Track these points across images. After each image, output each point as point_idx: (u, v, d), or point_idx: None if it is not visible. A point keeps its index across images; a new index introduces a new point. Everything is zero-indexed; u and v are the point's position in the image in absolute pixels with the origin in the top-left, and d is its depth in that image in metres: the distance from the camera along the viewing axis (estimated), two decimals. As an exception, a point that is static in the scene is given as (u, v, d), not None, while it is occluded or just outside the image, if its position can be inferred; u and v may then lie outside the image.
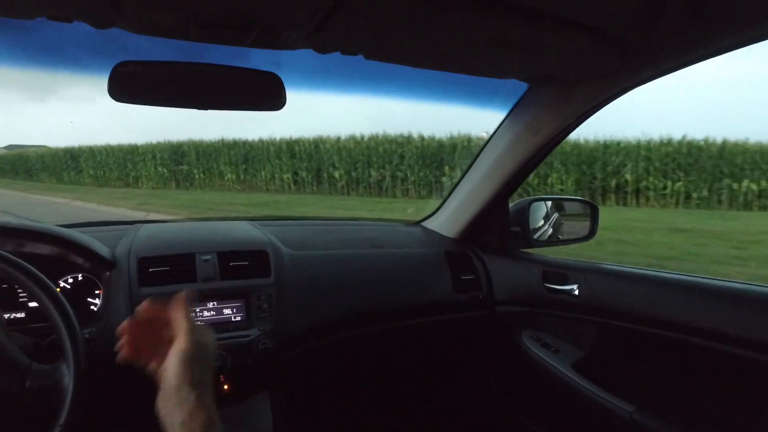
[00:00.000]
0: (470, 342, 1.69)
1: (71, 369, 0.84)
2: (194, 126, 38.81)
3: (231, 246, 1.30)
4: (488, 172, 1.48)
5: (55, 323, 0.86)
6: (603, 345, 1.35)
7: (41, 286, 0.86)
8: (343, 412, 1.69)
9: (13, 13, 0.70)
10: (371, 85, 1.58)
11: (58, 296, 0.87)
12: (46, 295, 0.86)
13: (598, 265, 1.37)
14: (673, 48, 0.95)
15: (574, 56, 0.99)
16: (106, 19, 0.74)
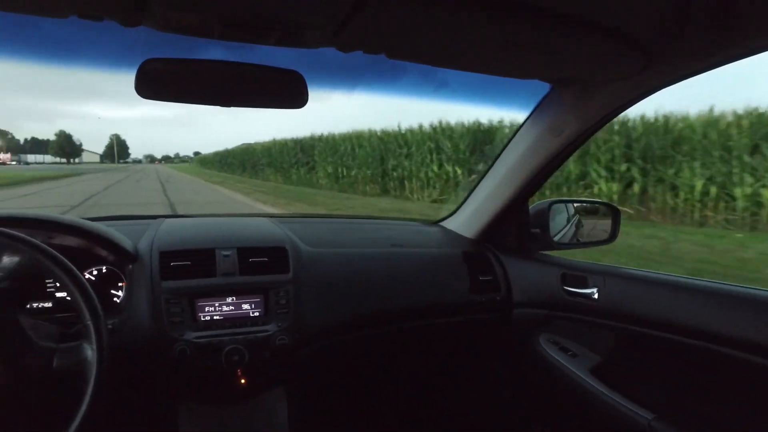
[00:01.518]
0: (486, 344, 1.69)
1: (95, 357, 0.86)
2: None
3: (251, 242, 1.32)
4: (509, 172, 1.46)
5: (81, 312, 0.88)
6: (622, 350, 1.34)
7: (70, 275, 0.89)
8: (357, 409, 1.70)
9: (47, 11, 0.72)
10: (392, 84, 1.56)
11: (85, 285, 0.89)
12: (74, 284, 0.88)
13: (618, 268, 1.35)
14: (699, 51, 0.93)
15: (597, 59, 0.98)
16: (133, 18, 0.75)
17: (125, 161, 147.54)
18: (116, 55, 0.95)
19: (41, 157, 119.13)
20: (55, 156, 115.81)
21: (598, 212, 1.67)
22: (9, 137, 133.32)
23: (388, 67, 1.02)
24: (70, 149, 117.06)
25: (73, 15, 0.71)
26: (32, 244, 0.88)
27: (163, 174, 37.11)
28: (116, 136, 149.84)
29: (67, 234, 1.15)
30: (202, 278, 1.21)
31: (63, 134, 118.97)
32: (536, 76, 1.16)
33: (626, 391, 1.24)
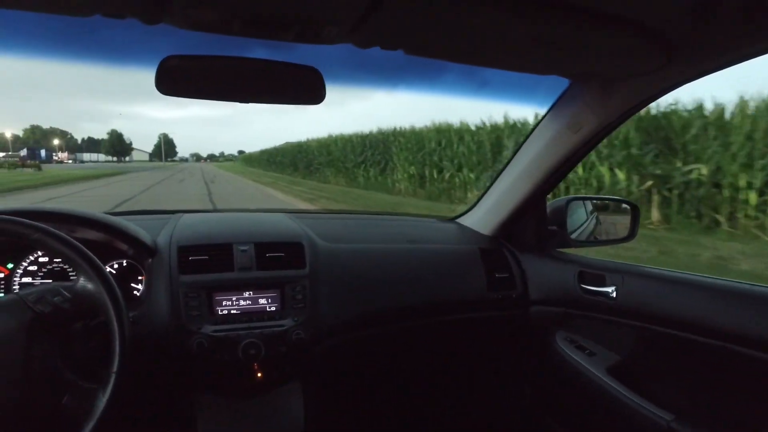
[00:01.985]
0: (502, 341, 1.68)
1: (118, 348, 0.87)
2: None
3: (268, 237, 1.33)
4: (526, 169, 1.45)
5: (103, 303, 0.90)
6: (640, 350, 1.32)
7: (94, 267, 0.91)
8: (372, 405, 1.71)
9: (71, 10, 0.74)
10: (409, 79, 1.57)
11: (108, 277, 0.92)
12: (97, 275, 0.90)
13: (637, 267, 1.33)
14: (723, 45, 0.91)
15: (618, 53, 0.96)
16: (154, 16, 0.76)
17: (172, 159, 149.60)
18: (139, 53, 1.00)
19: (95, 156, 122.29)
20: (107, 154, 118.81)
21: (618, 210, 1.64)
22: (68, 137, 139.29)
23: (404, 63, 1.03)
24: (121, 148, 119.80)
25: (98, 13, 0.73)
26: (59, 237, 0.90)
27: (208, 173, 36.15)
28: (164, 135, 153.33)
29: (88, 228, 1.17)
30: (219, 273, 1.23)
31: (114, 133, 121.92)
32: (555, 71, 1.15)
33: (645, 391, 1.22)
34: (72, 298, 0.91)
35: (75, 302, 0.91)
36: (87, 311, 0.91)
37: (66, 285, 0.93)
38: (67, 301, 0.90)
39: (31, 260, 1.22)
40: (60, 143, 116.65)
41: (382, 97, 74.96)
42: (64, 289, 0.91)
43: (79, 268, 0.91)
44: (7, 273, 1.20)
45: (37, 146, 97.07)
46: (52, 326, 0.89)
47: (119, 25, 0.78)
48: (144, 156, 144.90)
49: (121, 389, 0.86)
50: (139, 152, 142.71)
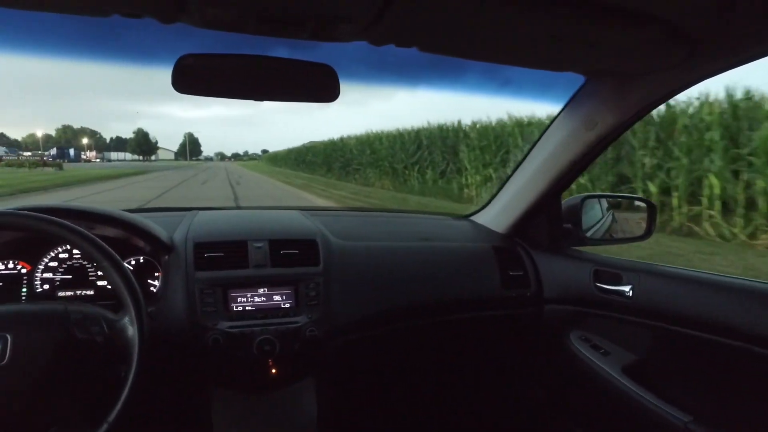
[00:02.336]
0: (516, 340, 1.67)
1: (137, 342, 0.89)
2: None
3: (282, 234, 1.34)
4: (541, 167, 1.44)
5: (122, 298, 0.91)
6: (657, 350, 1.30)
7: (114, 264, 0.92)
8: (385, 402, 1.71)
9: (90, 11, 0.75)
10: (430, 78, 1.58)
11: (128, 274, 0.93)
12: (117, 272, 0.92)
13: (654, 266, 1.31)
14: (746, 39, 0.89)
15: (637, 49, 0.94)
16: (171, 15, 0.77)
17: (197, 158, 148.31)
18: (161, 53, 1.03)
19: (122, 155, 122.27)
20: (133, 153, 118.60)
21: (632, 207, 1.61)
22: (97, 136, 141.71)
23: (423, 62, 1.03)
24: (147, 147, 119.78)
25: (115, 13, 0.74)
26: (80, 234, 0.92)
27: (233, 173, 34.53)
28: (189, 134, 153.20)
29: (107, 225, 1.19)
30: (234, 269, 1.24)
31: (140, 132, 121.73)
32: (571, 68, 1.14)
33: (662, 391, 1.20)
34: (108, 333, 0.91)
35: (109, 339, 0.90)
36: (117, 352, 0.90)
37: (108, 318, 0.93)
38: (102, 334, 0.90)
39: (52, 256, 1.24)
40: (89, 142, 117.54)
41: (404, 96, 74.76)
42: (105, 322, 0.92)
43: (96, 264, 0.93)
44: (29, 269, 1.22)
45: (67, 145, 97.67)
46: (77, 354, 0.87)
47: (140, 25, 0.79)
48: (170, 155, 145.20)
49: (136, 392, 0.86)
50: (164, 151, 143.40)
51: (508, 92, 1.58)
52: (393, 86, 11.25)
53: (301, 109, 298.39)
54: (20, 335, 0.83)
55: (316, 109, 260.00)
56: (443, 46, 0.94)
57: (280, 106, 39.58)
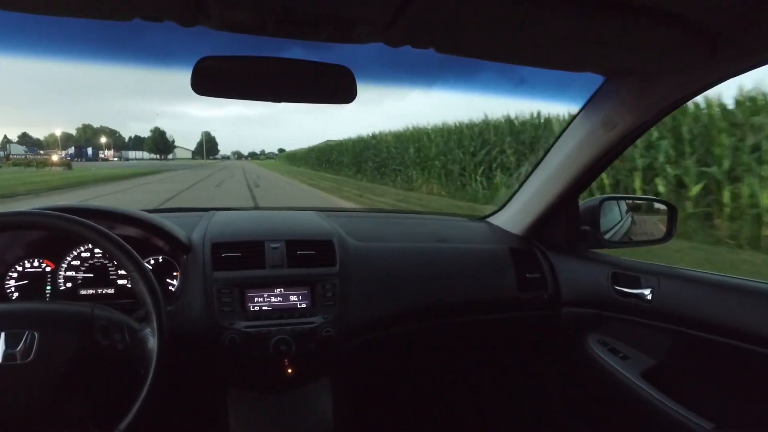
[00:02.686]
0: (533, 342, 1.66)
1: (156, 340, 0.90)
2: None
3: (298, 235, 1.35)
4: (558, 168, 1.43)
5: (142, 296, 0.93)
6: (677, 355, 1.28)
7: (135, 263, 0.94)
8: (400, 402, 1.71)
9: (112, 15, 0.77)
10: (445, 78, 1.57)
11: (148, 273, 0.95)
12: (138, 271, 0.94)
13: (674, 269, 1.29)
14: None
15: (657, 48, 0.92)
16: (191, 18, 0.78)
17: (214, 157, 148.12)
18: (179, 54, 1.04)
19: (140, 154, 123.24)
20: (150, 152, 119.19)
21: (652, 209, 1.59)
22: (116, 135, 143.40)
23: (438, 62, 1.03)
24: (163, 145, 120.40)
25: (137, 17, 0.75)
26: (103, 233, 0.94)
27: (251, 173, 32.60)
28: (206, 133, 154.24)
29: (127, 225, 1.21)
30: (251, 269, 1.25)
31: (157, 131, 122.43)
32: (590, 68, 1.12)
33: (682, 398, 1.18)
34: (130, 342, 0.92)
35: (130, 347, 0.91)
36: (135, 361, 0.91)
37: (131, 327, 0.94)
38: (123, 342, 0.91)
39: (74, 255, 1.27)
40: (107, 141, 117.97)
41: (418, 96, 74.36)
42: (129, 330, 0.93)
43: (117, 263, 0.94)
44: (53, 267, 1.25)
45: (86, 144, 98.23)
46: (97, 359, 0.89)
47: (159, 28, 0.81)
48: (187, 154, 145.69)
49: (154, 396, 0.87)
50: (182, 150, 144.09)
51: (524, 92, 1.57)
52: (407, 86, 11.05)
53: (316, 109, 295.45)
54: (47, 334, 0.84)
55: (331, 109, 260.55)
56: (460, 47, 0.94)
57: (295, 106, 39.20)
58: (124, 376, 0.91)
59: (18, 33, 0.88)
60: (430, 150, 15.33)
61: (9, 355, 0.81)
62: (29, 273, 1.23)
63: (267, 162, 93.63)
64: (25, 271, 1.23)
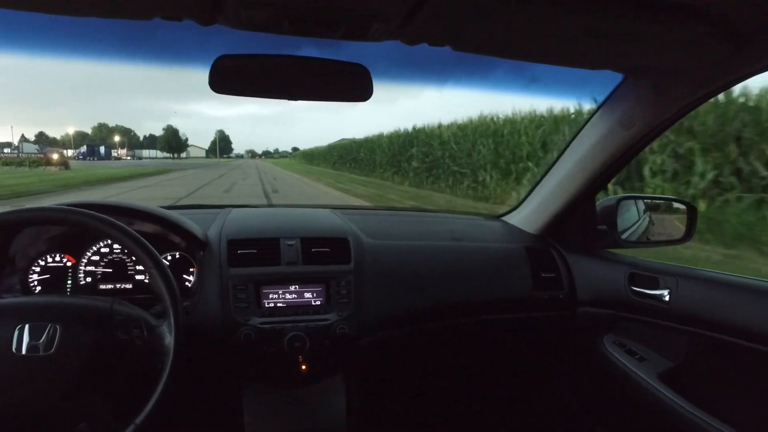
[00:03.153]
0: (548, 342, 1.64)
1: (173, 335, 0.92)
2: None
3: (314, 232, 1.35)
4: (575, 167, 1.42)
5: (160, 292, 0.94)
6: (696, 357, 1.26)
7: (153, 259, 0.96)
8: (413, 400, 1.71)
9: (133, 15, 0.78)
10: (458, 76, 1.57)
11: (166, 269, 0.96)
12: (156, 267, 0.95)
13: (693, 270, 1.27)
14: None
15: (679, 45, 0.91)
16: (209, 17, 0.79)
17: (228, 156, 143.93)
18: (193, 54, 1.05)
19: (154, 152, 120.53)
20: (162, 150, 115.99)
21: (671, 209, 1.57)
22: (132, 134, 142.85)
23: (451, 60, 1.02)
24: (176, 144, 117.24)
25: (157, 17, 0.76)
26: (122, 229, 0.95)
27: (266, 173, 30.30)
28: (220, 131, 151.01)
29: (145, 221, 1.23)
30: (267, 266, 1.26)
31: (170, 129, 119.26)
32: (609, 66, 1.11)
33: (701, 401, 1.16)
34: (147, 337, 0.94)
35: (147, 342, 0.93)
36: (152, 357, 0.93)
37: (149, 322, 0.96)
38: (141, 338, 0.93)
39: (94, 250, 1.29)
40: (120, 140, 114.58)
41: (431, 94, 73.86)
42: (146, 326, 0.95)
43: (136, 259, 0.95)
44: (74, 262, 1.28)
45: (100, 143, 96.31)
46: (115, 354, 0.91)
47: (175, 27, 0.81)
48: (201, 152, 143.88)
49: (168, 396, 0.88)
50: (196, 148, 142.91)
51: (539, 90, 1.56)
52: (420, 84, 10.85)
53: (329, 108, 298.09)
54: (69, 328, 0.87)
55: (344, 107, 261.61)
56: (477, 45, 0.93)
57: (309, 104, 39.12)
58: (141, 371, 0.93)
59: (38, 33, 0.90)
60: (518, 147, 11.67)
61: (32, 347, 0.83)
62: (51, 267, 1.26)
63: (282, 161, 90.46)
64: (47, 265, 1.26)
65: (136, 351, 0.92)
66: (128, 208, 1.21)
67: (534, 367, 1.74)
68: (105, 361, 0.89)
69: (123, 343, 0.91)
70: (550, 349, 1.66)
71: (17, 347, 0.83)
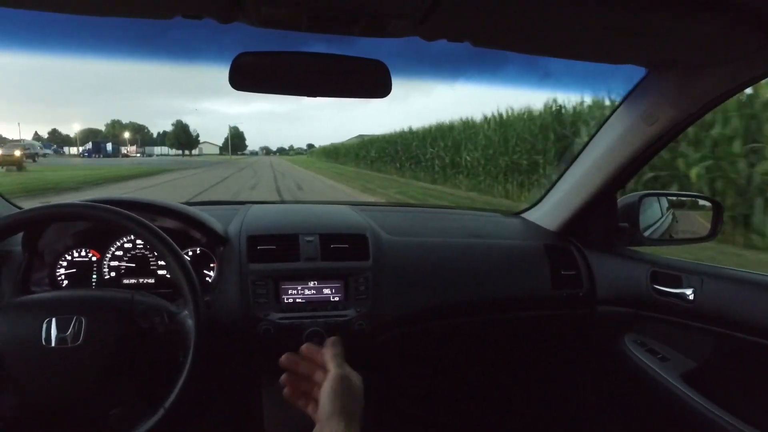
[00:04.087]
0: (567, 341, 1.63)
1: (194, 329, 0.93)
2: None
3: (332, 229, 1.36)
4: (596, 163, 1.39)
5: (179, 282, 0.96)
6: (722, 358, 1.23)
7: (174, 254, 0.97)
8: (431, 397, 1.71)
9: (154, 14, 0.78)
10: (470, 72, 1.55)
11: (187, 264, 0.98)
12: (177, 262, 0.97)
13: (719, 268, 1.24)
14: None
15: (706, 38, 0.88)
16: (228, 15, 0.79)
17: (242, 153, 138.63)
18: (206, 52, 1.05)
19: (165, 149, 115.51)
20: (172, 147, 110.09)
21: (696, 206, 1.54)
22: (145, 131, 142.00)
23: (463, 56, 1.01)
24: (186, 140, 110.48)
25: (178, 15, 0.77)
26: (145, 225, 0.97)
27: (285, 175, 24.69)
28: (234, 128, 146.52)
29: (167, 217, 1.25)
30: (286, 262, 1.27)
31: (179, 125, 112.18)
32: (631, 60, 1.08)
33: (726, 403, 1.13)
34: (169, 324, 0.97)
35: (169, 329, 0.97)
36: (175, 342, 0.96)
37: (170, 310, 0.99)
38: (163, 325, 0.96)
39: (118, 246, 1.32)
40: (130, 137, 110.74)
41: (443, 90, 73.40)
42: (167, 313, 0.98)
43: (158, 254, 0.96)
44: (98, 257, 1.31)
45: (107, 140, 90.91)
46: (139, 341, 0.94)
47: (190, 25, 0.82)
48: (214, 149, 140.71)
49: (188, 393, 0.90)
50: (209, 145, 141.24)
51: (560, 84, 1.53)
52: (433, 80, 10.72)
53: (342, 104, 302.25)
54: (93, 319, 0.90)
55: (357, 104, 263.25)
56: (497, 41, 0.92)
57: (321, 101, 38.50)
58: (166, 357, 0.96)
59: (56, 32, 0.91)
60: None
61: (61, 339, 0.87)
62: (77, 262, 1.30)
63: (298, 158, 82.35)
64: (73, 260, 1.30)
65: (160, 338, 0.95)
66: (152, 205, 1.23)
67: (553, 365, 1.72)
68: (130, 349, 0.92)
69: (146, 332, 0.94)
70: (570, 348, 1.65)
71: (46, 340, 0.87)
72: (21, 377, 0.87)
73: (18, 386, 0.87)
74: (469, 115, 13.87)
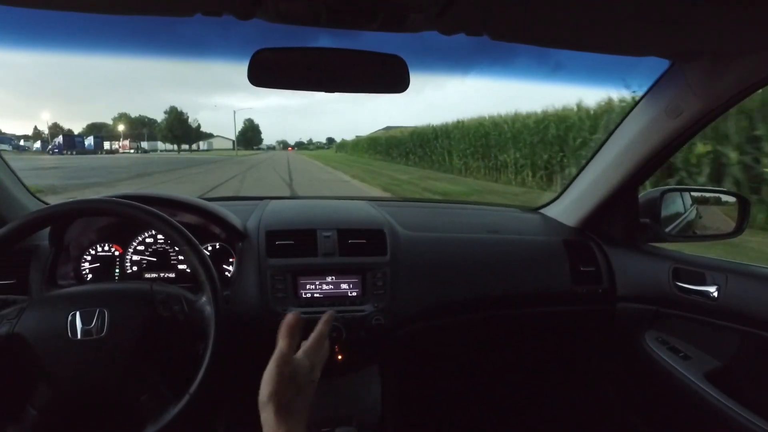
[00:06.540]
0: (586, 337, 1.61)
1: (213, 322, 0.95)
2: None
3: (350, 224, 1.36)
4: (617, 157, 1.37)
5: (201, 280, 0.98)
6: (746, 357, 1.20)
7: (195, 249, 0.99)
8: (448, 391, 1.71)
9: (175, 12, 0.79)
10: (481, 66, 1.53)
11: (205, 257, 0.99)
12: (197, 257, 0.98)
13: (744, 266, 1.21)
14: None
15: (733, 27, 0.85)
16: (248, 11, 0.79)
17: (258, 147, 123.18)
18: (218, 48, 1.05)
19: (169, 144, 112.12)
20: (163, 141, 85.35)
21: (720, 202, 1.50)
22: (154, 125, 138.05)
23: (474, 50, 0.99)
24: (181, 131, 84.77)
25: (198, 13, 0.78)
26: (166, 220, 0.99)
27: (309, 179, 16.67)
28: (249, 120, 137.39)
29: (187, 212, 1.27)
30: (304, 257, 1.28)
31: (174, 112, 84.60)
32: (655, 52, 1.06)
33: (750, 402, 1.11)
34: (188, 312, 0.99)
35: (189, 317, 0.99)
36: (196, 329, 0.98)
37: (188, 298, 1.01)
38: (183, 313, 0.99)
39: (140, 240, 1.35)
40: (124, 130, 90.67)
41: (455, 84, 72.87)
42: (186, 301, 1.00)
43: (178, 249, 1.00)
44: (121, 251, 1.34)
45: (102, 134, 74.97)
46: (161, 330, 0.97)
47: (203, 22, 0.82)
48: (227, 144, 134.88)
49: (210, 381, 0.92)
50: (221, 139, 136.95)
51: (583, 79, 1.50)
52: (445, 74, 10.56)
53: (356, 99, 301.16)
54: (115, 311, 0.93)
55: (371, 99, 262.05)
56: (516, 34, 0.91)
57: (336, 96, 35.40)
58: (188, 345, 0.99)
59: (74, 30, 0.91)
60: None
61: (86, 331, 0.90)
62: (101, 256, 1.33)
63: (318, 152, 71.97)
64: (97, 254, 1.33)
65: (181, 326, 0.98)
66: (171, 200, 1.25)
67: (571, 361, 1.71)
68: (153, 338, 0.95)
69: (167, 320, 0.97)
70: (589, 344, 1.63)
71: (73, 333, 0.90)
72: (53, 369, 0.90)
73: (51, 377, 0.90)
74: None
